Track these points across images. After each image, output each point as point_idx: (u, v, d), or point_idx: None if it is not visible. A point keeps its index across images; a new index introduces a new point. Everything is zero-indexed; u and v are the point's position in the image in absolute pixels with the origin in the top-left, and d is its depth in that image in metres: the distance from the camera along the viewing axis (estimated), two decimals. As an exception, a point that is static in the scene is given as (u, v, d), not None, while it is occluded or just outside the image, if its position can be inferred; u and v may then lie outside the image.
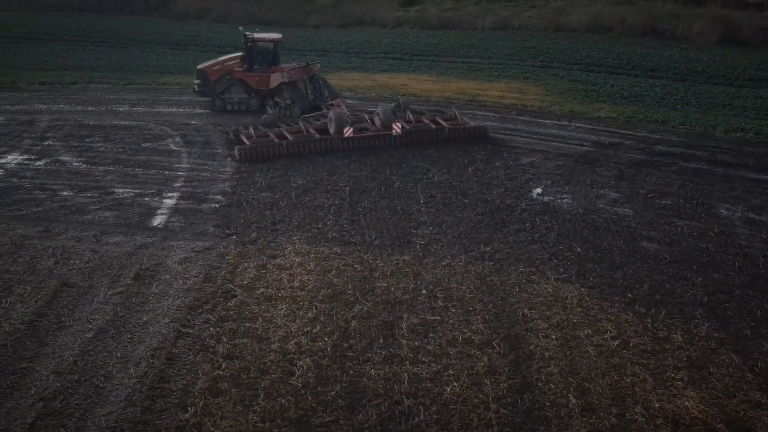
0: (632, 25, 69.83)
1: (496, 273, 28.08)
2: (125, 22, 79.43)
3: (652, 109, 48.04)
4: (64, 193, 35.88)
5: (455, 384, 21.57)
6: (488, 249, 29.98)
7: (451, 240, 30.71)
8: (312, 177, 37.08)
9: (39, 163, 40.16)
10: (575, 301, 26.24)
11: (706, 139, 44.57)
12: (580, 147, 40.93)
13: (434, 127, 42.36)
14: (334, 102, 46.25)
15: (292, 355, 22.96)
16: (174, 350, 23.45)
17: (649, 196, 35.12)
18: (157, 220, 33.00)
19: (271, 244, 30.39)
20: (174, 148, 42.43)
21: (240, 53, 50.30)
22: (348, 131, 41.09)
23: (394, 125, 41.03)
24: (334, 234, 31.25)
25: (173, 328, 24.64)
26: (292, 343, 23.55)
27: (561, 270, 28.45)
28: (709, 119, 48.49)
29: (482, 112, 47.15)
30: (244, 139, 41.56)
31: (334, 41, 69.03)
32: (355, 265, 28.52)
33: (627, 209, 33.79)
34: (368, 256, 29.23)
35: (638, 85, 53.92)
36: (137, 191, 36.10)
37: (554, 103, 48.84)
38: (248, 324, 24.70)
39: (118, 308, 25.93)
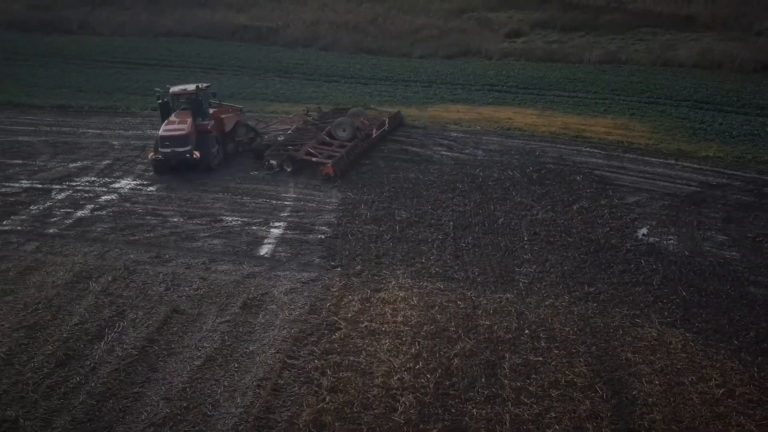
0: (742, 62, 68.61)
1: (599, 314, 28.00)
2: (235, 48, 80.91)
3: (762, 149, 47.13)
4: (175, 220, 36.91)
5: (557, 427, 21.64)
6: (592, 289, 29.89)
7: (554, 279, 30.69)
8: (416, 210, 37.40)
9: (151, 188, 41.35)
10: (680, 347, 26.03)
11: (818, 181, 43.65)
12: (687, 187, 40.42)
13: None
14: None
15: (394, 391, 23.27)
16: (280, 381, 23.98)
17: (757, 239, 34.53)
18: (264, 250, 33.71)
19: (375, 278, 30.79)
20: (281, 177, 43.17)
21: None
22: (374, 132, 47.60)
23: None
24: (437, 269, 31.50)
25: (279, 359, 25.19)
26: (395, 378, 23.87)
27: (665, 314, 28.22)
28: (822, 161, 47.44)
29: (587, 149, 46.87)
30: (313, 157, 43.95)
31: (439, 72, 69.34)
32: (458, 302, 28.73)
33: (734, 253, 33.27)
34: (471, 293, 29.42)
35: (748, 124, 52.92)
36: (245, 219, 36.90)
37: (661, 141, 48.28)
38: (352, 358, 25.11)
39: (226, 337, 26.62)
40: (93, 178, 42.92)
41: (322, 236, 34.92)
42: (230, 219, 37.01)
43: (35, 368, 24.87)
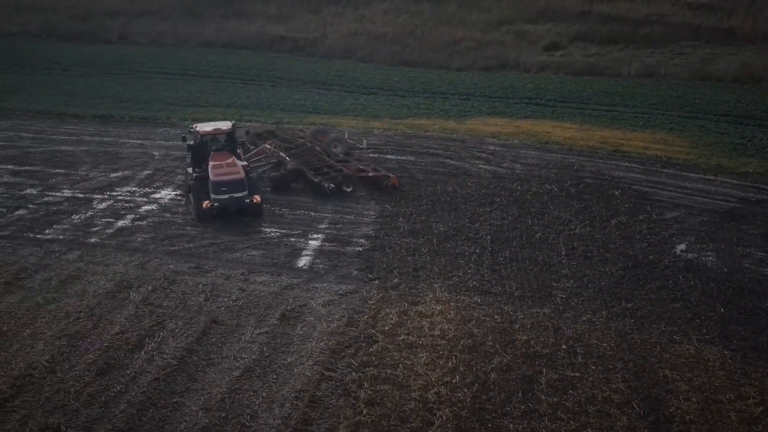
0: (783, 76, 68.32)
1: (637, 330, 27.97)
2: (273, 59, 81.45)
3: (802, 165, 46.86)
4: (214, 230, 37.22)
5: (594, 444, 21.61)
6: (629, 305, 29.85)
7: (592, 294, 30.69)
8: (454, 224, 37.51)
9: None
10: (718, 364, 25.95)
11: None
12: (726, 203, 40.25)
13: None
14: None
15: (431, 405, 23.40)
16: (317, 393, 24.18)
17: (797, 257, 34.36)
18: (303, 261, 33.96)
19: (413, 291, 30.94)
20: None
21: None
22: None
23: None
24: (474, 283, 31.60)
25: (317, 370, 25.39)
26: (432, 392, 24.00)
27: (704, 331, 28.13)
28: None
29: (626, 163, 46.77)
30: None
31: (477, 85, 69.39)
32: (496, 316, 28.81)
33: (774, 270, 33.13)
34: (508, 308, 29.48)
35: (789, 139, 52.65)
36: (283, 231, 37.18)
37: (700, 156, 48.10)
38: (389, 371, 25.26)
39: (264, 348, 26.87)
40: (134, 188, 43.42)
41: (360, 249, 35.12)
42: (269, 230, 37.31)
43: (77, 376, 25.21)
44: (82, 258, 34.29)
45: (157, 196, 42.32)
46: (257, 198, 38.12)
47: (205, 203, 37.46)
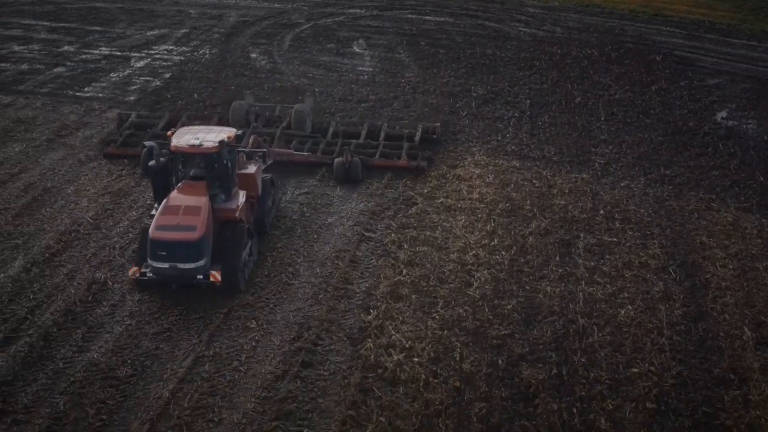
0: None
1: (675, 197, 28.01)
2: None
3: None
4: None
5: (629, 307, 21.90)
6: (668, 172, 29.81)
7: (630, 161, 30.64)
8: (493, 87, 37.29)
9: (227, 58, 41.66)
10: (755, 232, 26.06)
11: None
12: (770, 70, 39.78)
13: None
14: None
15: (470, 267, 23.68)
16: (357, 253, 24.49)
17: (840, 125, 34.00)
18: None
19: (451, 154, 30.96)
20: (357, 50, 43.21)
21: None
22: None
23: None
24: (513, 147, 31.60)
25: (357, 231, 25.67)
26: (470, 254, 24.25)
27: (742, 198, 28.14)
28: None
29: (668, 28, 46.05)
30: None
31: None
32: (534, 181, 28.88)
33: (816, 138, 32.85)
34: (547, 172, 29.52)
35: (836, 5, 51.47)
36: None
37: (744, 21, 47.25)
38: (428, 233, 25.50)
39: (305, 208, 27.07)
40: (171, 47, 43.25)
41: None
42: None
43: (121, 233, 25.53)
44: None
45: (195, 54, 42.12)
46: (215, 276, 22.05)
47: (132, 270, 22.67)
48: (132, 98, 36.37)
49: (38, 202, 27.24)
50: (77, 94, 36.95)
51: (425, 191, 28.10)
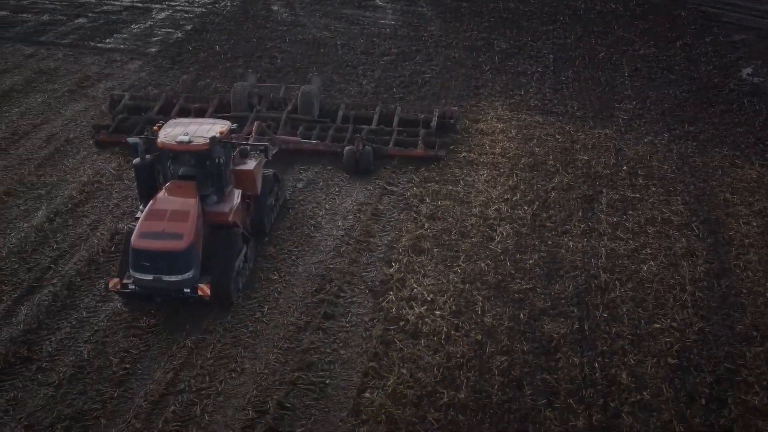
0: None
1: (699, 154, 27.80)
2: None
3: None
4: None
5: (652, 263, 21.87)
6: (692, 128, 29.58)
7: (654, 116, 30.41)
8: (516, 42, 37.01)
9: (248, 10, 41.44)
10: (780, 189, 25.89)
11: None
12: (797, 26, 39.27)
13: None
14: None
15: (492, 221, 23.66)
16: (379, 207, 24.50)
17: None
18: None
19: (474, 108, 30.81)
20: (380, 3, 42.92)
21: None
22: None
23: None
24: (536, 102, 31.41)
25: (379, 185, 25.64)
26: (492, 209, 24.22)
27: (766, 155, 27.88)
28: None
29: (692, -18, 45.49)
30: None
31: None
32: (557, 136, 28.72)
33: (843, 96, 32.50)
34: (570, 127, 29.35)
35: None
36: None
37: (772, -24, 46.60)
38: (450, 187, 25.47)
39: (325, 161, 27.02)
40: (192, -2, 43.09)
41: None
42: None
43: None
44: (143, 68, 34.37)
45: (217, 6, 41.92)
46: (203, 289, 20.02)
47: (113, 282, 20.43)
48: (153, 50, 36.29)
49: (60, 153, 27.41)
50: (99, 45, 36.93)
51: (449, 146, 27.93)
